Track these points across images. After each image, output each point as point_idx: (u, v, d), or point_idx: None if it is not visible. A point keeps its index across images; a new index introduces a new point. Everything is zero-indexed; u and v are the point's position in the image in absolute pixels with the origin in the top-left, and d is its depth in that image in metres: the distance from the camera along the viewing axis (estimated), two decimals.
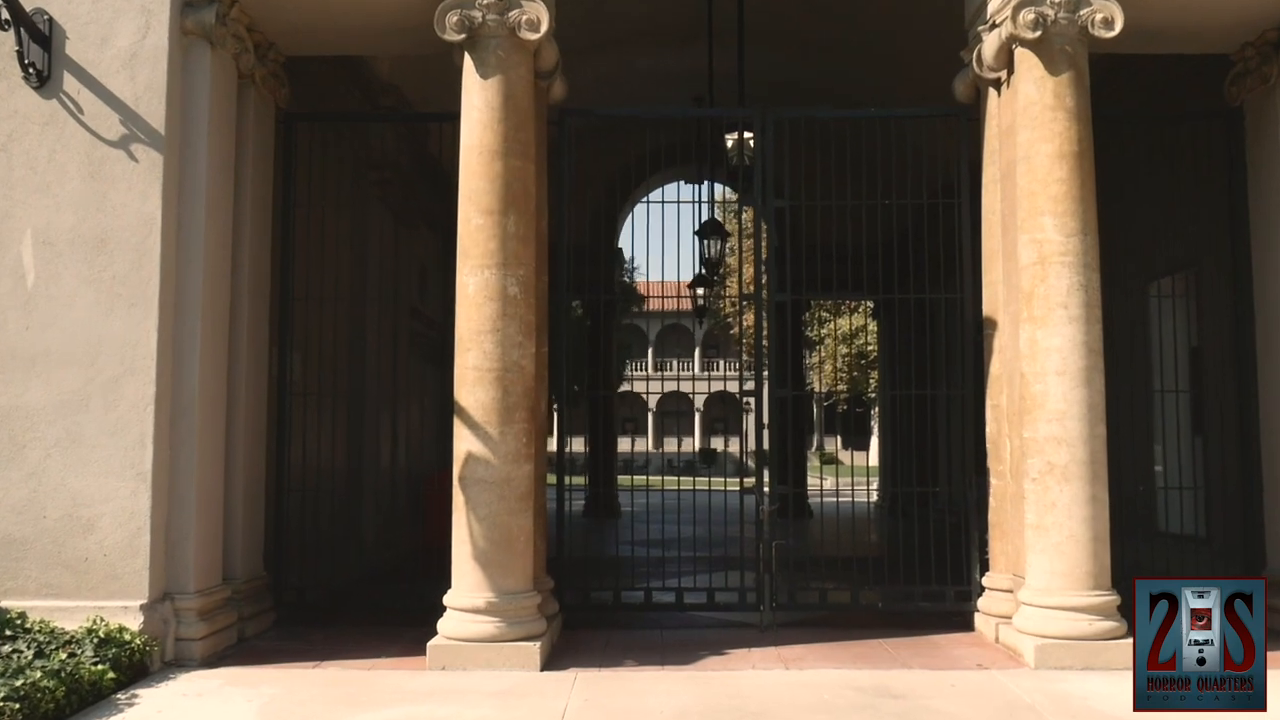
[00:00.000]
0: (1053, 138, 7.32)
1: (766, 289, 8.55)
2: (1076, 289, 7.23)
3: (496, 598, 7.03)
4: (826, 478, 30.54)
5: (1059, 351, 7.20)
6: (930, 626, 8.26)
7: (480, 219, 7.27)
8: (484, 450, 7.13)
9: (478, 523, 7.10)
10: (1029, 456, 7.30)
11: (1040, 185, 7.33)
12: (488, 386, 7.17)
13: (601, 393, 18.77)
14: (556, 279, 8.61)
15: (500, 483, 7.12)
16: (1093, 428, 7.17)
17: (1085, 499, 7.10)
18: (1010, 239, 7.93)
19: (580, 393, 19.70)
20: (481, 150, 7.31)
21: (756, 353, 8.48)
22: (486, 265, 7.24)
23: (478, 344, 7.21)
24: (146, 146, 7.11)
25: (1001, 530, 8.10)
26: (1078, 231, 7.26)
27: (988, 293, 8.36)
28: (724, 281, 23.86)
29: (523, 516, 7.21)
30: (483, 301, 7.22)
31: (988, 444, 8.32)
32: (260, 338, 8.30)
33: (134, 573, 6.90)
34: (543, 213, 8.28)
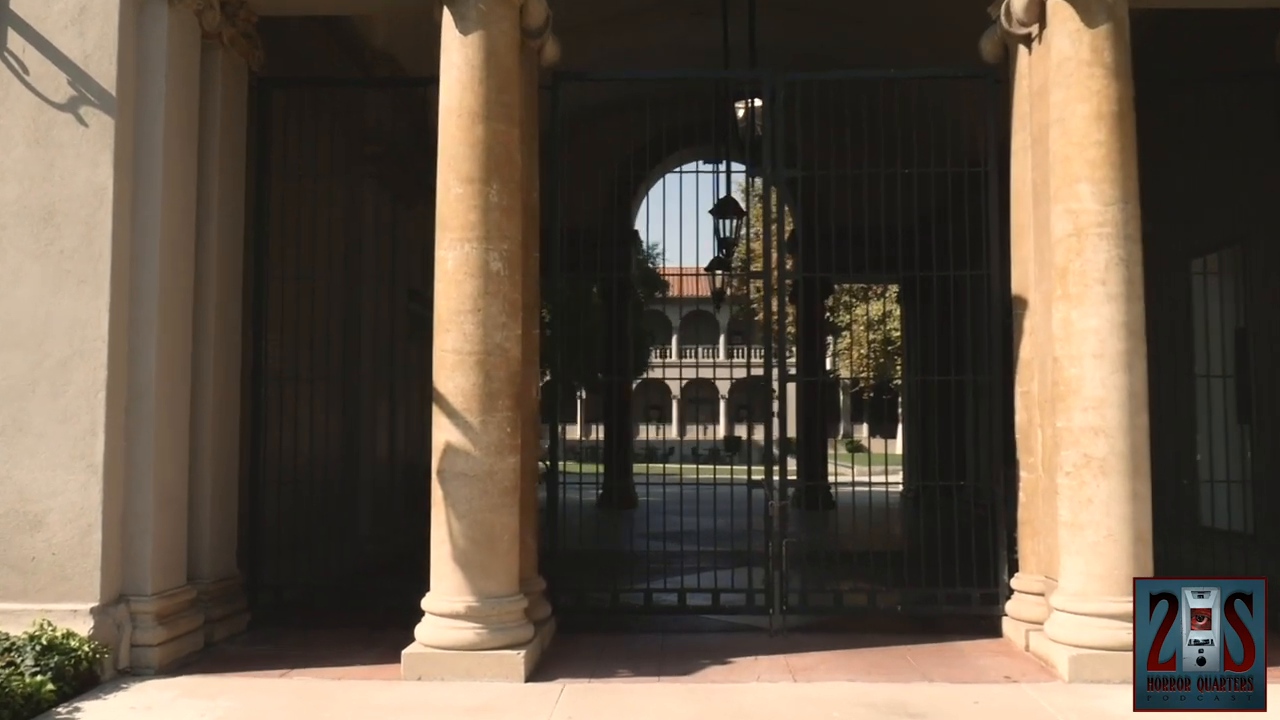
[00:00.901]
0: (1090, 96, 6.62)
1: (776, 267, 7.90)
2: (1116, 263, 6.53)
3: (477, 602, 6.44)
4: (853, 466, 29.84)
5: (1096, 333, 6.51)
6: (954, 631, 7.62)
7: (460, 188, 6.66)
8: (464, 441, 6.53)
9: (457, 520, 6.51)
10: (1063, 448, 6.63)
11: (1076, 149, 6.64)
12: (468, 371, 6.57)
13: (615, 378, 18.08)
14: (550, 256, 7.99)
15: (482, 476, 6.53)
16: (1134, 417, 6.49)
17: (1125, 495, 6.42)
18: (1042, 210, 7.25)
19: (596, 379, 19.10)
20: (461, 113, 6.70)
21: (766, 335, 7.85)
22: (466, 239, 6.63)
23: (457, 325, 6.61)
24: (97, 110, 6.54)
25: (1032, 528, 7.43)
26: (1117, 200, 6.57)
27: (1017, 270, 7.68)
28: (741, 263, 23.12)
29: (507, 513, 6.61)
30: (462, 278, 6.62)
31: (1017, 434, 7.65)
32: (231, 318, 7.74)
33: (84, 573, 6.36)
34: (533, 184, 7.67)
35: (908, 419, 19.08)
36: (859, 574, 8.39)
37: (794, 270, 8.02)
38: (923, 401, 16.78)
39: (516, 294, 6.80)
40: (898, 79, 8.31)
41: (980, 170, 7.91)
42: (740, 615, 7.87)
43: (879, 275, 8.55)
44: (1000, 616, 7.58)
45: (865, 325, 33.09)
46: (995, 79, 7.89)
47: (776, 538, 7.60)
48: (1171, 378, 8.18)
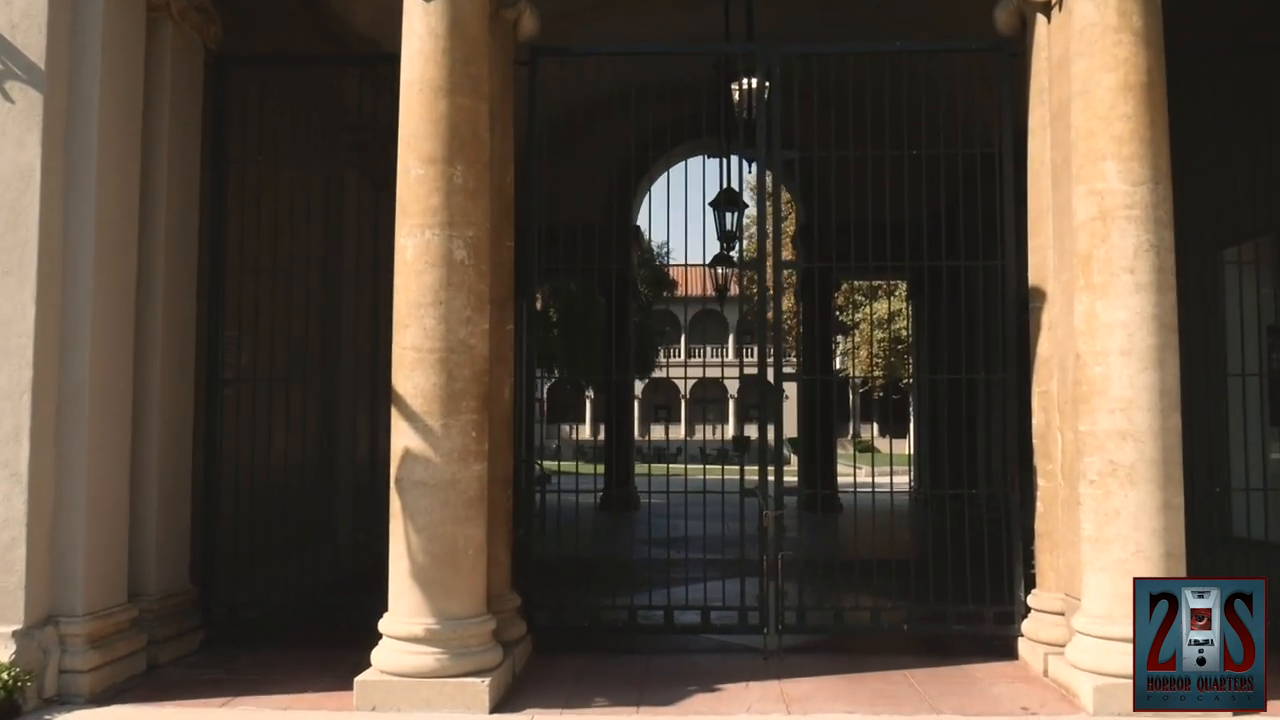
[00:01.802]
0: (1116, 65, 5.98)
1: (772, 256, 7.28)
2: (1145, 250, 5.90)
3: (438, 624, 5.84)
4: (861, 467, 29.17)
5: (1124, 327, 5.87)
6: (965, 653, 6.99)
7: (420, 169, 6.07)
8: (423, 447, 5.94)
9: (416, 534, 5.92)
10: (1086, 454, 5.99)
11: (1101, 124, 6.00)
12: (428, 370, 5.98)
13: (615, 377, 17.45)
14: (526, 247, 7.39)
15: (443, 486, 5.93)
16: (1165, 419, 5.85)
17: (1156, 506, 5.78)
18: (1062, 193, 6.62)
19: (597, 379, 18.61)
20: (423, 86, 6.10)
21: (760, 330, 7.21)
22: (427, 225, 6.03)
23: (416, 320, 6.02)
24: (24, 85, 5.98)
25: (1051, 541, 6.80)
26: (1147, 179, 5.93)
27: (1034, 259, 7.04)
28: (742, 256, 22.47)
29: (471, 525, 6.01)
30: (423, 269, 6.03)
31: (1034, 438, 7.02)
32: (183, 315, 7.16)
33: (7, 593, 5.80)
34: (506, 167, 7.08)
35: (917, 419, 18.39)
36: (862, 585, 7.73)
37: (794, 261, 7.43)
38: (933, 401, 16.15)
39: (483, 285, 6.20)
40: (904, 52, 7.69)
41: (994, 152, 7.27)
42: (734, 635, 7.26)
43: (884, 266, 7.78)
44: (1016, 637, 6.96)
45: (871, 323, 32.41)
46: (1010, 52, 7.26)
47: (771, 551, 6.98)
48: (1202, 377, 7.51)
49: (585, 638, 7.26)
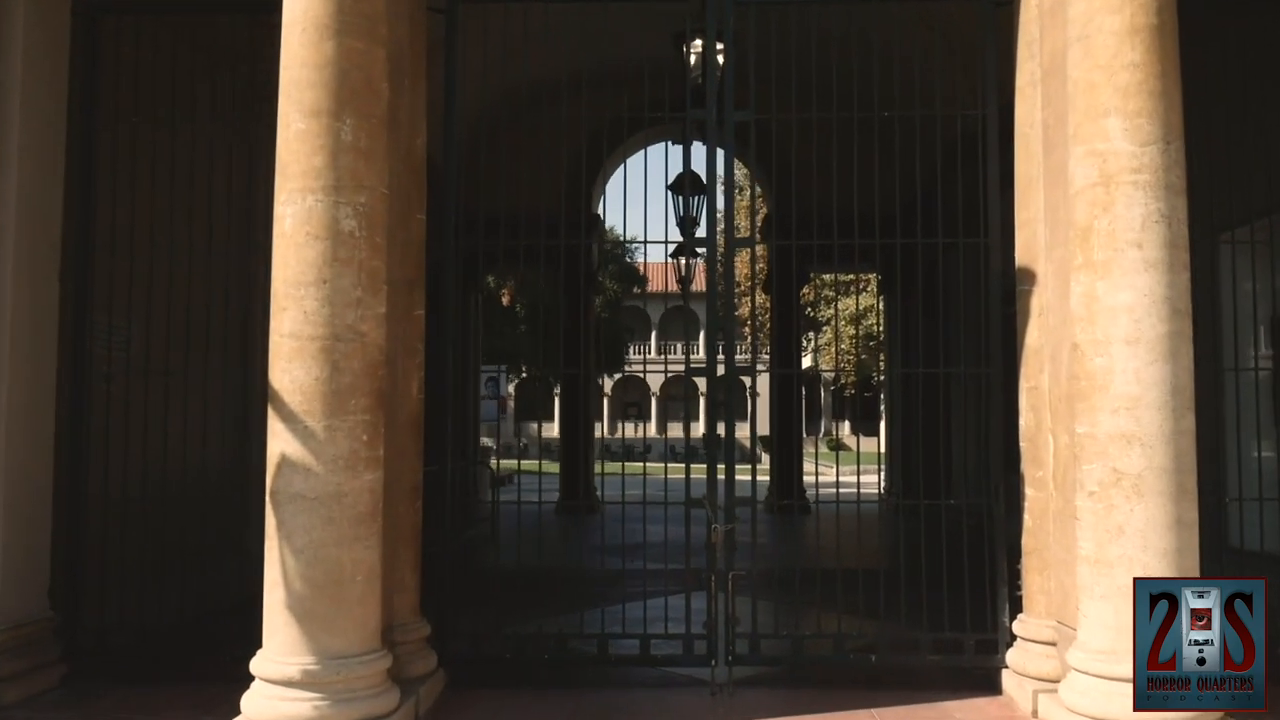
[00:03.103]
0: (1121, 5, 5.09)
1: (724, 232, 6.35)
2: (1155, 221, 5.01)
3: (317, 664, 4.88)
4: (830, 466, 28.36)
5: (1130, 311, 4.99)
6: (942, 686, 6.12)
7: (302, 122, 5.11)
8: (302, 453, 4.98)
9: (293, 557, 4.96)
10: (1085, 461, 5.10)
11: (1104, 74, 5.11)
12: (308, 362, 5.02)
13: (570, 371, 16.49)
14: (443, 220, 6.44)
15: (326, 499, 4.98)
16: (1177, 420, 4.97)
17: (1166, 523, 4.90)
18: (1056, 158, 5.75)
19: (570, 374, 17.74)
20: (306, 25, 5.14)
21: (709, 314, 6.28)
22: (309, 189, 5.07)
23: (295, 302, 5.05)
24: None
25: (1040, 559, 5.93)
26: (1157, 138, 5.05)
27: (1022, 235, 6.17)
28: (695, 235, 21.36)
29: (360, 547, 5.06)
30: (304, 241, 5.07)
31: (1021, 441, 6.14)
32: (42, 300, 6.17)
33: None
34: (416, 127, 6.14)
35: (889, 417, 17.48)
36: (827, 602, 6.75)
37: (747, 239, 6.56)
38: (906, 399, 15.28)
39: (378, 261, 5.24)
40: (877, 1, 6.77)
41: (976, 114, 6.38)
42: (679, 667, 6.35)
43: (853, 244, 6.76)
44: (1000, 669, 6.09)
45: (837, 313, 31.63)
46: (995, 0, 6.38)
47: (720, 571, 6.06)
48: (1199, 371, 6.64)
49: (509, 670, 6.33)
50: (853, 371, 31.47)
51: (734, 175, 6.54)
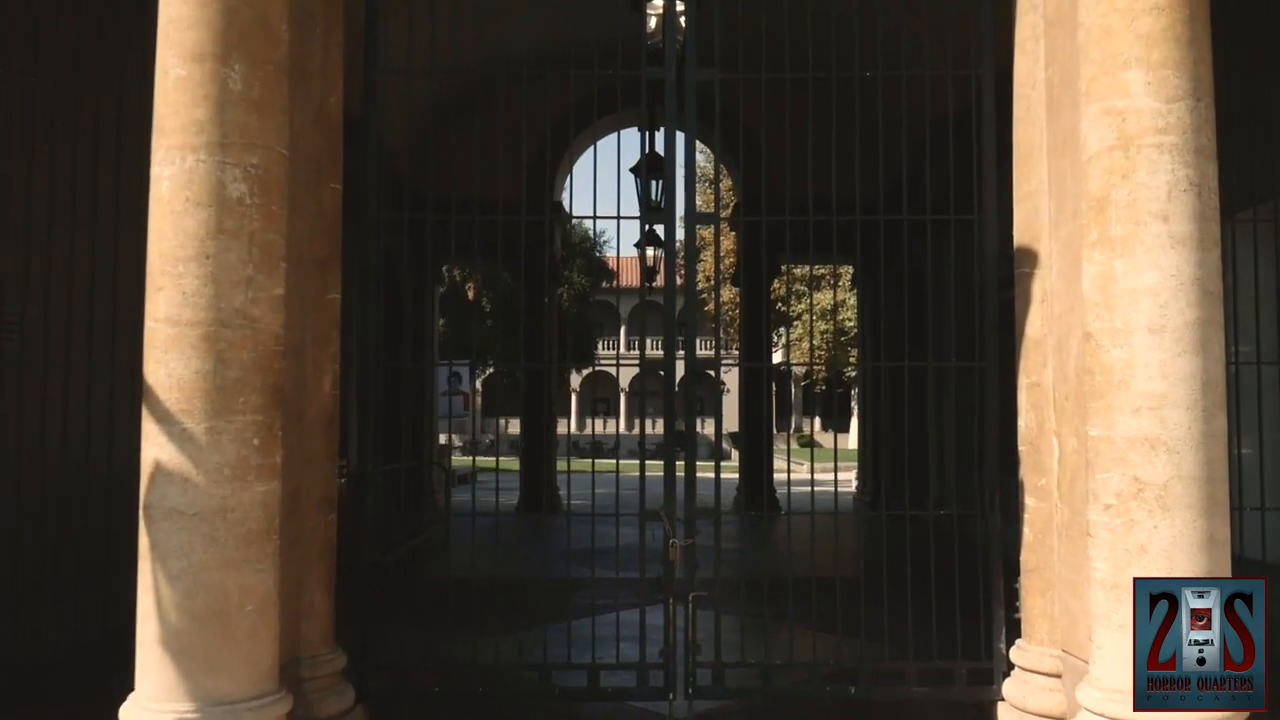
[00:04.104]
0: None
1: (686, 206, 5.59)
2: (1183, 189, 4.30)
3: (197, 712, 4.09)
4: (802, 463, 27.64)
5: (1154, 294, 4.27)
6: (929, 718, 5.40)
7: (183, 69, 4.30)
8: (180, 460, 4.18)
9: (170, 584, 4.17)
10: (1100, 468, 4.39)
11: (1123, 18, 4.39)
12: (187, 352, 4.22)
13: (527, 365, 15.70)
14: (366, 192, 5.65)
15: (209, 515, 4.18)
16: (1208, 422, 4.27)
17: (1196, 541, 4.20)
18: (1062, 122, 5.05)
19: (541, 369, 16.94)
20: None
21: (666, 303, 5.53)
22: (190, 146, 4.27)
23: (173, 280, 4.25)
24: None
25: (1043, 578, 5.22)
26: (1185, 93, 4.34)
27: (1022, 210, 5.45)
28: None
29: (250, 570, 4.27)
30: (183, 208, 4.27)
31: (1020, 444, 5.42)
32: None
33: None
34: (333, 84, 5.36)
35: (862, 414, 16.73)
36: (801, 615, 5.96)
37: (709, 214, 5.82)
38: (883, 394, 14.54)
39: (275, 234, 4.44)
40: None
41: (970, 74, 5.66)
42: (632, 700, 5.60)
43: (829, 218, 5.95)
44: (995, 701, 5.37)
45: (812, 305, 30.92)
46: None
47: (678, 592, 5.29)
48: None
49: (439, 706, 5.56)
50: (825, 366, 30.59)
51: (695, 147, 5.78)
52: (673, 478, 5.46)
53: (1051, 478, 5.19)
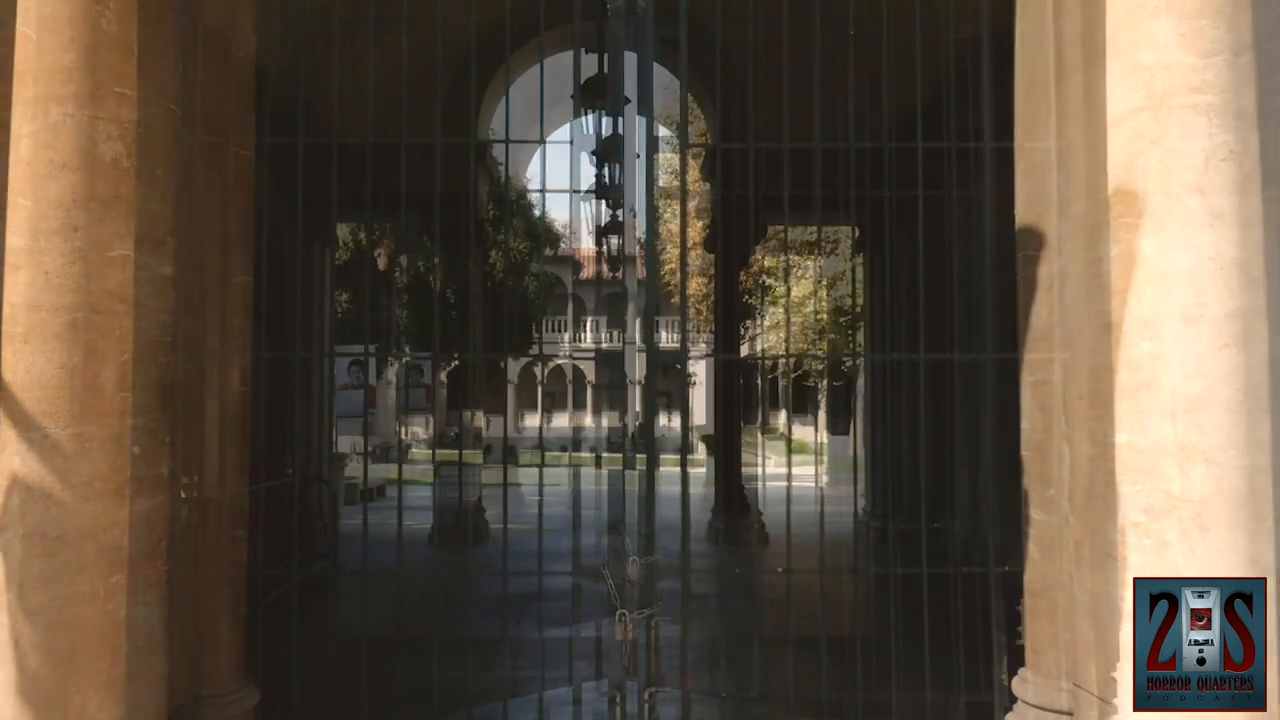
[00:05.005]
0: None
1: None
2: (1222, 158, 3.71)
3: None
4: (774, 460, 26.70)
5: (1189, 279, 3.68)
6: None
7: (45, 6, 3.61)
8: (43, 474, 3.50)
9: (28, 621, 3.48)
10: (1126, 481, 3.80)
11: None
12: (51, 343, 3.53)
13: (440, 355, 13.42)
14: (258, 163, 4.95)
15: (77, 539, 3.50)
16: (1252, 428, 3.68)
17: (1238, 564, 3.63)
18: (1074, 83, 4.46)
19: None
20: None
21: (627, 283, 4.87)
22: (55, 98, 3.58)
23: (33, 259, 3.56)
24: None
25: (1050, 601, 4.63)
26: (1224, 47, 3.74)
27: (1026, 185, 4.84)
28: None
29: (129, 603, 3.59)
30: (47, 171, 3.57)
31: (1024, 450, 4.82)
32: None
33: None
34: (242, 31, 4.65)
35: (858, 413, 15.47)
36: (775, 655, 5.35)
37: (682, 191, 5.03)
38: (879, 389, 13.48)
39: (161, 204, 3.78)
40: None
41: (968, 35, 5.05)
42: None
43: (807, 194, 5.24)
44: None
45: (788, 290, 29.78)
46: None
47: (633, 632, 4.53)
48: None
49: None
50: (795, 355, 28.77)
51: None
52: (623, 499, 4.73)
53: (1061, 488, 4.60)
